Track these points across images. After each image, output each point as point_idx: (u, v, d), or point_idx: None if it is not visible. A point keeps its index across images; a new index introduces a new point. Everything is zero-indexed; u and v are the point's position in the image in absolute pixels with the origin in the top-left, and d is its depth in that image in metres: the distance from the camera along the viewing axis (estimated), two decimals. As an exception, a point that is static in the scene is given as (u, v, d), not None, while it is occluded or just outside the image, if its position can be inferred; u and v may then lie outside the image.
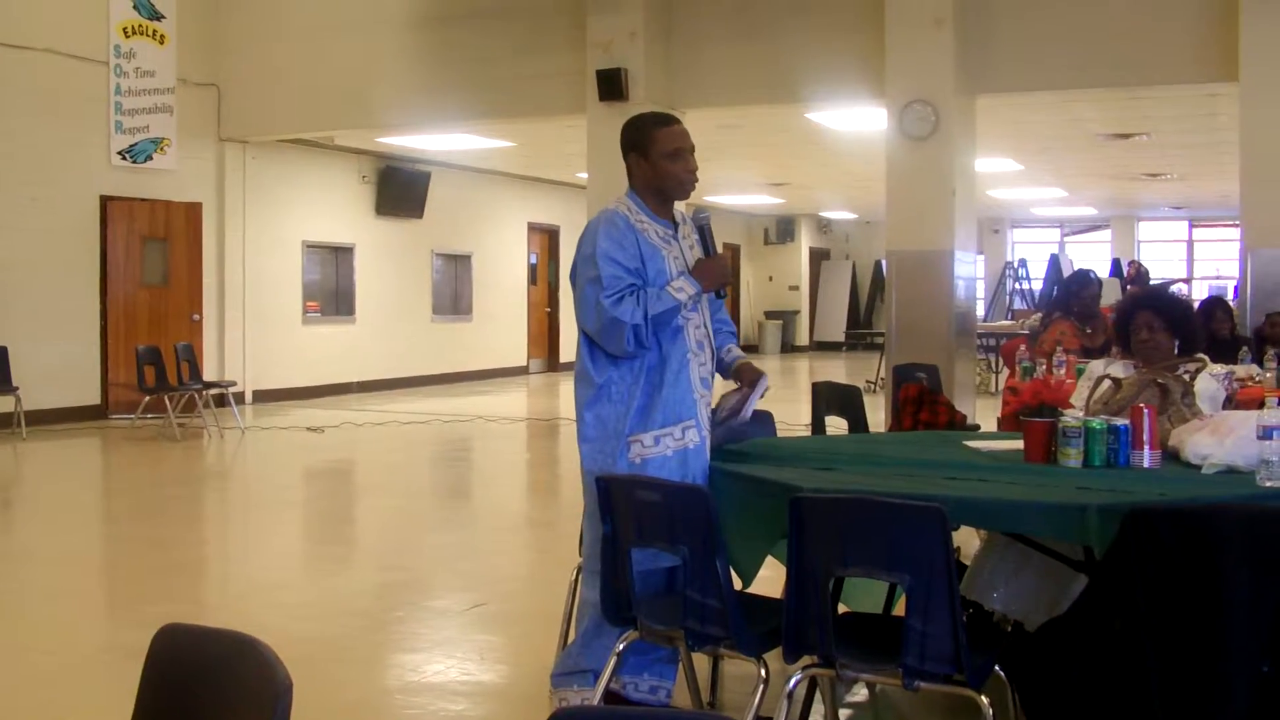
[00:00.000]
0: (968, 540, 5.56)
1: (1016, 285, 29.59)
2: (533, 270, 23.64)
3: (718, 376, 4.44)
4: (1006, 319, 24.50)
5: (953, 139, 11.66)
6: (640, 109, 13.01)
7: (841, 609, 3.88)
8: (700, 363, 4.25)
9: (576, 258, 4.23)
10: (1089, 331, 8.65)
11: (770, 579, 4.17)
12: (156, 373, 13.65)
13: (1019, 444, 4.18)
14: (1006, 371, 10.80)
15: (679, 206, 4.44)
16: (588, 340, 4.21)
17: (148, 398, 13.68)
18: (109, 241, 14.92)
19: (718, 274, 4.27)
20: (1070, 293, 9.51)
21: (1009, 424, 6.77)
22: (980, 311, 23.87)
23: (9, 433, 13.06)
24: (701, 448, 4.20)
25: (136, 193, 15.22)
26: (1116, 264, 26.97)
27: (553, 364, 23.86)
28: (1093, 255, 30.72)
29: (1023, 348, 8.45)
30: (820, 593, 3.42)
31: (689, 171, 4.27)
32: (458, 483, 11.77)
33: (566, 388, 19.95)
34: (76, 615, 6.38)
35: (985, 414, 10.45)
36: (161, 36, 15.34)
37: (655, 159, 4.24)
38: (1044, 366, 7.15)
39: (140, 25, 15.12)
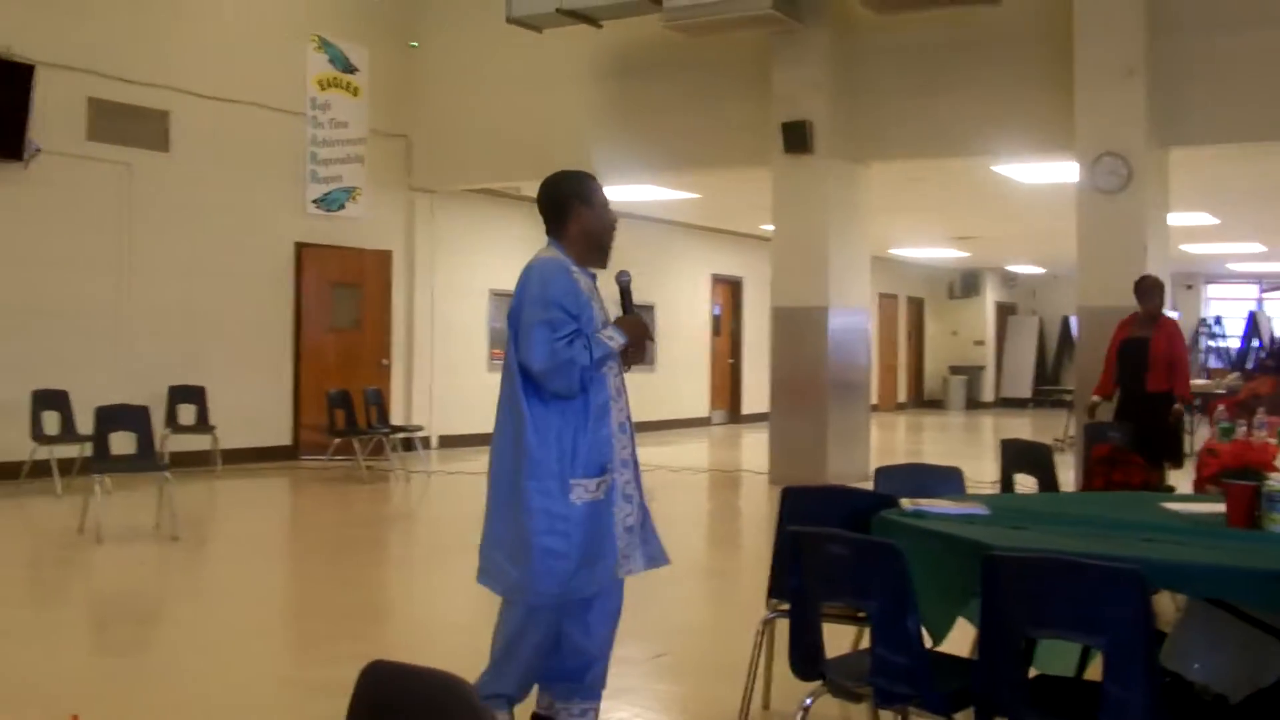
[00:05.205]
0: (1163, 607, 5.38)
1: (1211, 343, 28.68)
2: (716, 321, 23.72)
3: None
4: (1202, 378, 23.74)
5: (1145, 192, 11.41)
6: (824, 161, 13.12)
7: (1031, 672, 3.79)
8: (619, 408, 4.37)
9: (523, 297, 4.29)
10: None
11: (957, 638, 4.10)
12: (346, 416, 14.00)
13: (1220, 507, 4.05)
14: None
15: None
16: (523, 381, 4.22)
17: (337, 440, 14.03)
18: (303, 287, 15.40)
19: (641, 330, 4.45)
20: None
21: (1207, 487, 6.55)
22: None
23: (206, 470, 13.52)
24: (612, 492, 4.33)
25: (329, 240, 15.71)
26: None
27: (734, 415, 23.87)
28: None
29: (1221, 408, 8.17)
30: (1012, 653, 3.35)
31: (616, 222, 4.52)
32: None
33: (749, 439, 19.89)
34: (266, 651, 6.56)
35: (1179, 476, 10.11)
36: (355, 89, 15.85)
37: (598, 206, 4.48)
38: (1244, 428, 6.91)
39: (335, 78, 15.65)
